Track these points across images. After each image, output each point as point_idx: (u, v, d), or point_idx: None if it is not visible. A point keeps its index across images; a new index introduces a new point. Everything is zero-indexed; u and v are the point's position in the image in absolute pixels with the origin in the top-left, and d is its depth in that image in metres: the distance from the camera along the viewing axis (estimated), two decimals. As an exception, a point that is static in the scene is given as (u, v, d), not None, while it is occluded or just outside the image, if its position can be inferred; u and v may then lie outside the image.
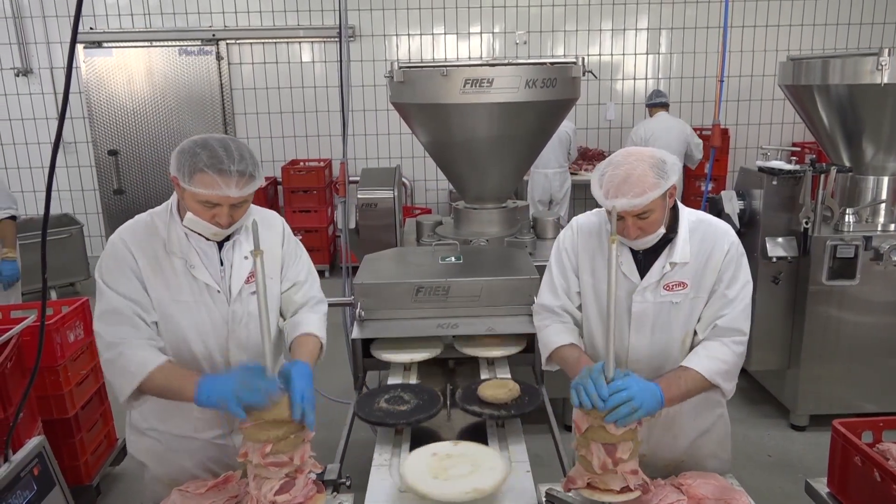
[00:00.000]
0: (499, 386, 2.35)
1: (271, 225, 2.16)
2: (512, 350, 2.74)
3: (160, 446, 2.13)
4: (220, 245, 2.04)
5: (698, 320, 2.09)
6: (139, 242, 1.97)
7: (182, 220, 1.96)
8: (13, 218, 4.42)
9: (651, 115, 6.87)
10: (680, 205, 2.11)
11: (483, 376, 2.62)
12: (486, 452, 2.01)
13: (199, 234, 1.98)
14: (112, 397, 3.83)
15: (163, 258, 1.97)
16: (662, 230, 1.99)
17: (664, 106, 6.83)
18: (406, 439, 2.21)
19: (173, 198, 2.03)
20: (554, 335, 2.19)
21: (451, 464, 1.92)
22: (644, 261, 2.08)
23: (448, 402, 2.49)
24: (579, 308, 2.21)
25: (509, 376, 2.59)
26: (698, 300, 2.07)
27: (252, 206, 2.06)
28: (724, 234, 2.07)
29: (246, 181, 1.87)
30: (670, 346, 2.10)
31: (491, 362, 2.75)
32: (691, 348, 2.10)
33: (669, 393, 1.88)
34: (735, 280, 2.05)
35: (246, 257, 2.05)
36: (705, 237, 2.06)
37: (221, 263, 2.03)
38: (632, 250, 2.08)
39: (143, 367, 1.88)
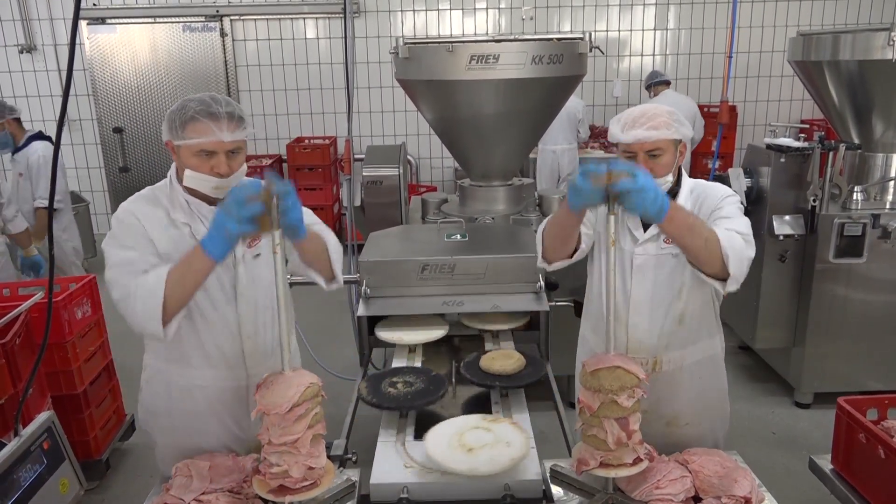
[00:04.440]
0: (504, 357, 2.42)
1: None
2: (518, 322, 2.78)
3: (174, 428, 2.14)
4: None
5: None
6: (145, 214, 1.99)
7: (182, 184, 1.98)
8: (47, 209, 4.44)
9: (655, 95, 6.77)
10: (684, 173, 2.23)
11: (488, 348, 2.67)
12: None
13: (201, 194, 1.97)
14: (120, 373, 3.87)
15: (168, 227, 1.99)
16: (670, 178, 2.09)
17: (667, 83, 6.75)
18: (411, 423, 2.21)
19: (172, 169, 2.05)
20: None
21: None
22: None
23: (453, 378, 2.50)
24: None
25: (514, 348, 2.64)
26: None
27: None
28: (720, 189, 2.18)
29: (236, 124, 1.91)
30: (668, 297, 2.21)
31: (496, 335, 2.79)
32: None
33: (675, 210, 1.82)
34: (734, 214, 2.08)
35: None
36: (705, 196, 2.17)
37: None
38: None
39: (159, 279, 1.82)
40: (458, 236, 3.11)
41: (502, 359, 2.41)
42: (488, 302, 2.74)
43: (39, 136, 4.76)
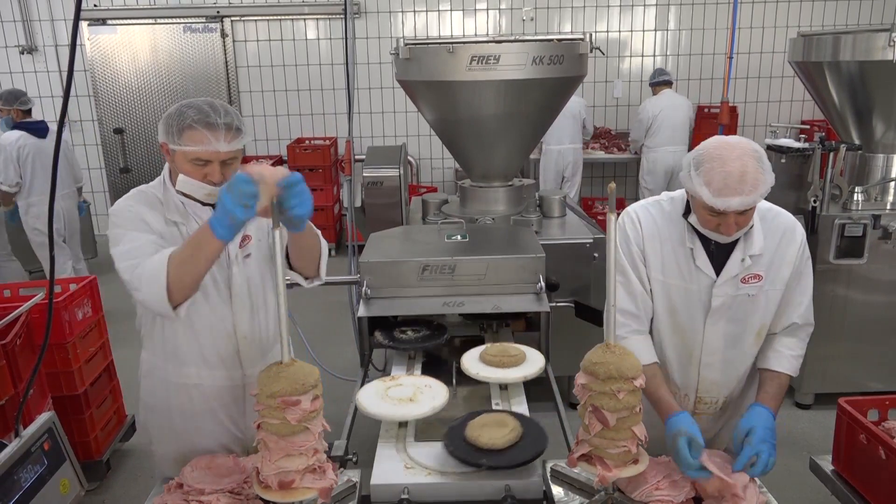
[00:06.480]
0: (497, 425, 1.96)
1: None
2: (529, 370, 2.36)
3: (171, 427, 2.15)
4: None
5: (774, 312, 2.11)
6: (143, 210, 1.99)
7: (175, 187, 1.98)
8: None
9: (655, 94, 6.83)
10: None
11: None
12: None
13: (194, 198, 1.99)
14: (121, 374, 3.87)
15: (163, 227, 1.99)
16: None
17: (668, 84, 6.80)
18: (410, 433, 2.17)
19: (165, 169, 2.05)
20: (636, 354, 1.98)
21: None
22: (717, 253, 2.03)
23: (454, 380, 2.50)
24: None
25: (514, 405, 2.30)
26: (773, 292, 2.06)
27: None
28: (795, 226, 2.06)
29: (234, 135, 1.91)
30: (744, 337, 2.11)
31: (496, 330, 2.71)
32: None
33: (777, 409, 2.01)
34: (808, 274, 2.09)
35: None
36: (775, 227, 2.04)
37: None
38: (703, 243, 2.02)
39: (161, 262, 1.79)
40: (459, 237, 3.11)
41: (494, 427, 1.94)
42: (489, 303, 2.73)
43: (21, 125, 5.39)
